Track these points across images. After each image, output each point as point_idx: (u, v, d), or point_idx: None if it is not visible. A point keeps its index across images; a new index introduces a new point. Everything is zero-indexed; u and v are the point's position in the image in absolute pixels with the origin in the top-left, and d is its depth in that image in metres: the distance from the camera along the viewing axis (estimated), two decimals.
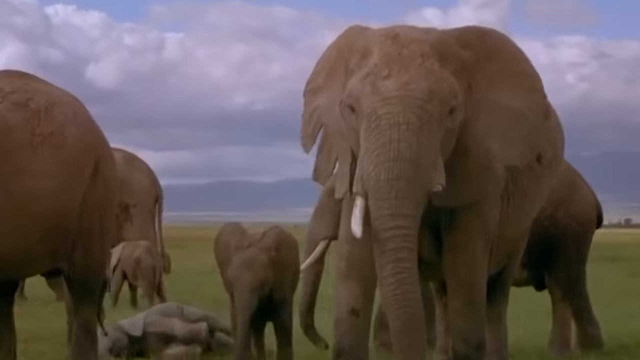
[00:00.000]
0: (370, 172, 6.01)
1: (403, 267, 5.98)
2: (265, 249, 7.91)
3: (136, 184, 16.32)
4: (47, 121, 7.64)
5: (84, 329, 8.07)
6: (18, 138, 7.51)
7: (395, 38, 6.30)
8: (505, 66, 6.64)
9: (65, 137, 7.71)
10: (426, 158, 6.00)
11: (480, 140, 6.45)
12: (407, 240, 5.99)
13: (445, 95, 6.10)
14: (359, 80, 6.21)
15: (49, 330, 9.36)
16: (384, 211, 5.96)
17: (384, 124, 6.01)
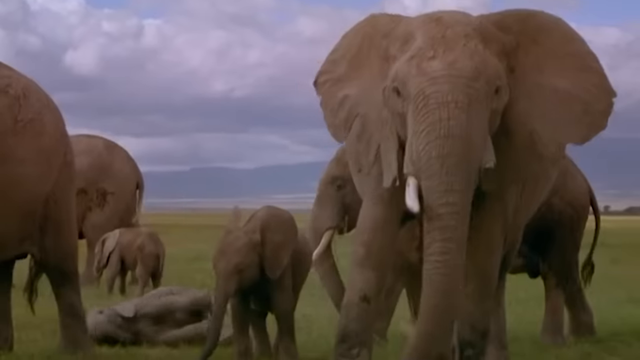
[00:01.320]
0: (421, 151, 6.06)
1: (449, 247, 6.05)
2: (249, 231, 7.78)
3: (116, 171, 16.42)
4: (26, 107, 7.66)
5: (69, 313, 8.10)
6: (2, 124, 7.49)
7: (438, 21, 6.36)
8: (554, 47, 6.63)
9: (43, 124, 7.74)
10: (476, 135, 6.05)
11: (523, 121, 6.47)
12: (457, 218, 6.05)
13: (490, 74, 6.16)
14: (404, 63, 6.25)
15: (39, 317, 9.26)
16: (435, 188, 6.03)
17: (432, 103, 6.06)
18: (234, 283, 7.61)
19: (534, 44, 6.57)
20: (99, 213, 16.05)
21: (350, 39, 7.00)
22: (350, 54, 6.92)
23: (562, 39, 6.67)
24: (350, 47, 6.95)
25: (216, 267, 7.68)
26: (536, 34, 6.60)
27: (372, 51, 6.75)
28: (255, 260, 7.70)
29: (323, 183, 9.29)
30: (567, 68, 6.60)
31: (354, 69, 6.87)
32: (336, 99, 6.91)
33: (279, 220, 7.93)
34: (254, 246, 7.69)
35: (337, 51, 7.04)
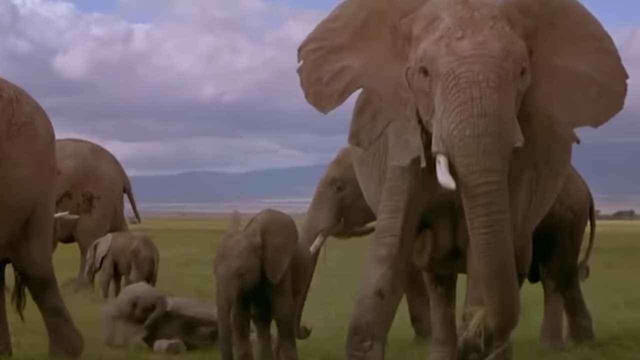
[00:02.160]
0: (453, 130, 6.02)
1: (496, 218, 6.05)
2: (249, 234, 7.74)
3: (102, 175, 16.25)
4: (19, 111, 7.69)
5: (54, 314, 8.11)
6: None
7: (465, 3, 6.34)
8: (571, 30, 6.62)
9: (35, 127, 7.78)
10: (507, 114, 6.05)
11: (542, 104, 6.47)
12: (499, 194, 6.04)
13: (518, 55, 6.18)
14: (432, 43, 6.21)
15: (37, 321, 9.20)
16: (473, 167, 6.00)
17: (462, 82, 6.04)
18: (235, 287, 7.57)
19: (551, 27, 6.57)
20: (88, 218, 15.92)
21: (352, 10, 6.81)
22: (354, 25, 6.76)
23: (578, 22, 6.66)
24: (353, 18, 6.78)
25: (217, 271, 7.63)
26: (553, 17, 6.59)
27: (383, 26, 6.65)
28: (256, 263, 7.65)
29: (322, 184, 9.26)
30: (583, 50, 6.59)
31: (359, 41, 6.72)
32: (331, 68, 6.73)
33: (280, 223, 7.89)
34: (254, 250, 7.65)
35: (336, 20, 6.84)
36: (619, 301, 12.93)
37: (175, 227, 52.28)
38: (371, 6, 6.73)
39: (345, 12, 6.84)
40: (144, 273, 13.92)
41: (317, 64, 6.75)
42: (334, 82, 6.70)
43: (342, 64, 6.71)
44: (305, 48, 6.81)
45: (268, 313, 8.07)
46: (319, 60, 6.76)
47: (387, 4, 6.69)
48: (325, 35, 6.82)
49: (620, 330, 10.13)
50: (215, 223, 77.33)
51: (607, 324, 10.38)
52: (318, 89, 6.72)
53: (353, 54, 6.70)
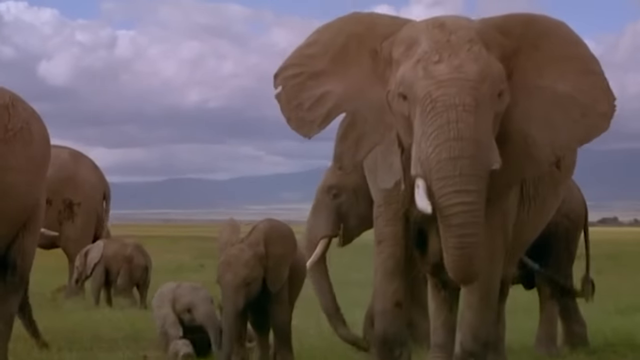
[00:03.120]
0: (430, 153, 6.05)
1: (468, 241, 6.05)
2: (253, 244, 7.75)
3: (82, 181, 16.02)
4: (15, 117, 7.69)
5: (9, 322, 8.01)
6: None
7: (442, 26, 6.37)
8: (554, 51, 6.64)
9: (31, 132, 7.78)
10: (484, 137, 6.08)
11: (520, 125, 6.50)
12: (474, 215, 6.04)
13: (495, 78, 6.20)
14: (410, 68, 6.25)
15: None
16: (448, 188, 6.01)
17: (439, 106, 6.06)
18: (242, 296, 7.60)
19: (534, 49, 6.60)
20: (71, 226, 15.74)
21: (331, 35, 6.85)
22: (333, 51, 6.79)
23: (563, 43, 6.69)
24: (332, 43, 6.81)
25: (222, 279, 7.63)
26: (537, 39, 6.63)
27: (362, 51, 6.69)
28: (261, 273, 7.68)
29: (319, 192, 9.25)
30: (567, 71, 6.61)
31: (339, 66, 6.74)
32: (312, 94, 6.75)
33: (281, 233, 7.94)
34: (259, 259, 7.69)
35: (314, 46, 6.86)
36: (610, 308, 12.98)
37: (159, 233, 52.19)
38: (350, 31, 6.78)
39: (323, 37, 6.87)
40: (134, 281, 13.89)
41: (297, 89, 6.77)
42: (316, 108, 6.73)
43: (323, 90, 6.74)
44: (282, 74, 6.82)
45: (266, 321, 8.08)
46: (298, 86, 6.78)
47: (366, 28, 6.74)
48: (303, 61, 6.84)
49: (614, 337, 10.14)
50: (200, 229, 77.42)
51: (601, 330, 10.38)
52: (300, 114, 6.75)
53: (333, 79, 6.74)
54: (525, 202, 7.21)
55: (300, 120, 6.76)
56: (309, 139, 6.83)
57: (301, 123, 6.76)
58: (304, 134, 6.79)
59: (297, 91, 6.77)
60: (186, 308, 8.74)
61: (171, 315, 8.76)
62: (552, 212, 7.89)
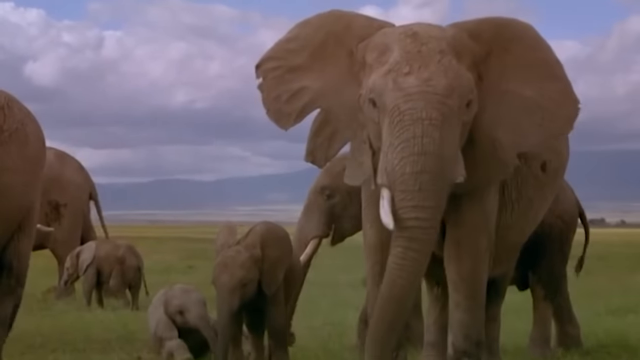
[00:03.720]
0: (396, 165, 6.20)
1: (409, 256, 6.23)
2: (249, 246, 7.76)
3: (67, 182, 15.86)
4: (11, 117, 7.67)
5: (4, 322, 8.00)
6: None
7: (414, 36, 6.48)
8: (523, 56, 6.78)
9: (27, 133, 7.77)
10: (448, 151, 6.20)
11: (487, 129, 6.64)
12: (425, 233, 6.22)
13: (463, 90, 6.31)
14: (381, 77, 6.36)
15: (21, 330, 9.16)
16: (407, 202, 6.18)
17: (407, 119, 6.20)
18: (238, 297, 7.60)
19: (505, 52, 6.74)
20: (58, 227, 15.61)
21: (310, 31, 7.01)
22: (312, 47, 6.96)
23: (530, 48, 6.82)
24: (311, 40, 6.98)
25: (218, 281, 7.63)
26: (508, 43, 6.76)
27: (339, 49, 6.84)
28: (257, 275, 7.69)
29: (312, 192, 9.24)
30: (533, 76, 6.76)
31: (316, 62, 6.92)
32: (289, 87, 6.95)
33: (277, 236, 7.96)
34: (255, 261, 7.70)
35: (294, 41, 7.04)
36: (601, 309, 13.01)
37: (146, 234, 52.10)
38: (329, 29, 6.93)
39: (303, 33, 7.04)
40: (127, 282, 13.85)
41: (276, 82, 6.99)
42: (292, 102, 6.93)
43: (300, 85, 6.93)
44: (263, 66, 7.04)
45: (261, 323, 8.07)
46: (277, 79, 6.99)
47: (343, 27, 6.89)
48: (283, 54, 7.03)
49: (606, 338, 10.15)
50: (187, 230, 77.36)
51: (593, 331, 10.40)
52: (278, 106, 6.96)
53: (311, 74, 6.92)
54: (508, 205, 7.30)
55: (278, 112, 6.97)
56: (285, 130, 7.02)
57: (279, 115, 6.97)
58: (281, 125, 7.00)
59: (276, 84, 6.98)
60: (178, 310, 8.70)
61: (163, 317, 8.70)
62: (540, 214, 7.96)
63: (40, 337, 9.60)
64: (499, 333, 8.28)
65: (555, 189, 8.04)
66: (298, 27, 7.09)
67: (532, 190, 7.46)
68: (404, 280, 6.26)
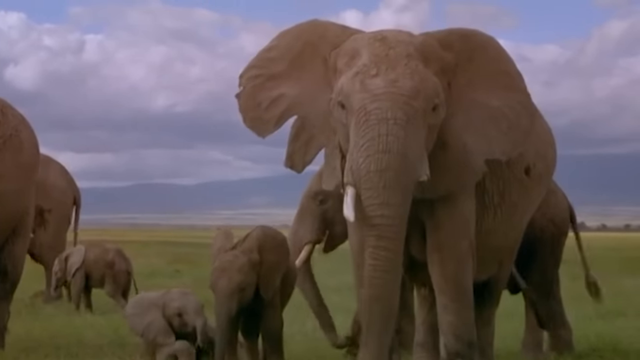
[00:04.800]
0: (361, 164, 6.35)
1: (380, 255, 6.39)
2: (247, 250, 7.76)
3: (51, 187, 15.64)
4: (5, 124, 7.65)
5: None
6: None
7: (383, 40, 6.65)
8: (486, 66, 6.96)
9: (21, 140, 7.75)
10: (412, 150, 6.34)
11: (458, 135, 6.78)
12: (391, 229, 6.38)
13: (429, 93, 6.46)
14: (349, 79, 6.52)
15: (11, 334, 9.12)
16: (373, 200, 6.34)
17: (372, 119, 6.35)
18: (236, 302, 7.60)
19: (470, 62, 6.92)
20: (43, 233, 15.49)
21: (289, 41, 7.21)
22: (290, 55, 7.15)
23: (494, 59, 7.03)
24: (290, 49, 7.18)
25: (216, 285, 7.62)
26: (473, 52, 6.95)
27: (315, 58, 7.04)
28: (255, 279, 7.68)
29: (305, 197, 9.23)
30: (497, 87, 6.95)
31: (294, 71, 7.11)
32: (268, 95, 7.13)
33: (275, 240, 7.97)
34: (253, 265, 7.70)
35: (274, 50, 7.25)
36: (590, 313, 13.00)
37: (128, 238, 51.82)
38: (306, 38, 7.14)
39: (282, 42, 7.24)
40: (120, 286, 13.81)
41: (256, 90, 7.16)
42: (271, 109, 7.10)
43: (279, 92, 7.10)
44: (245, 75, 7.23)
45: (256, 327, 8.05)
46: (258, 87, 7.17)
47: (319, 36, 7.09)
48: (264, 63, 7.22)
49: (598, 342, 10.20)
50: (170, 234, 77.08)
51: (585, 335, 10.44)
52: (257, 114, 7.14)
53: (289, 82, 7.10)
54: (490, 210, 7.38)
55: (256, 119, 7.15)
56: (263, 138, 7.19)
57: (257, 122, 7.15)
58: (259, 133, 7.17)
59: (257, 91, 7.16)
60: (177, 313, 8.42)
61: (161, 321, 8.35)
62: (526, 218, 8.03)
63: (31, 342, 9.53)
64: (493, 337, 8.29)
65: (541, 193, 8.09)
66: (279, 36, 7.29)
67: (516, 194, 7.54)
68: (380, 279, 6.39)
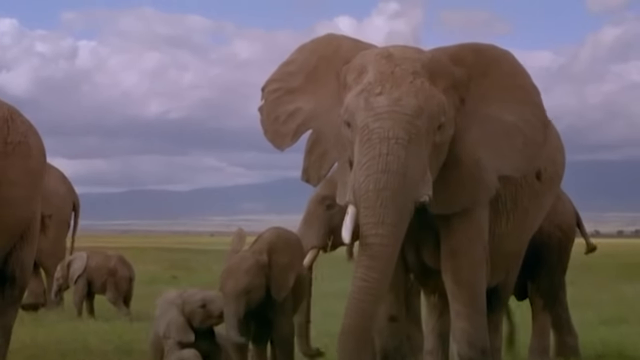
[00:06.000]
0: (361, 183, 6.33)
1: (372, 277, 6.31)
2: (256, 252, 7.71)
3: (51, 193, 15.50)
4: (14, 130, 7.66)
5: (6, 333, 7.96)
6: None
7: (389, 57, 6.62)
8: (501, 81, 6.91)
9: (29, 146, 7.76)
10: (413, 170, 6.29)
11: (471, 151, 6.74)
12: (385, 250, 6.33)
13: (433, 112, 6.40)
14: (354, 97, 6.51)
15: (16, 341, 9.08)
16: (369, 219, 6.30)
17: (374, 137, 6.32)
18: (243, 304, 7.54)
19: (484, 77, 6.87)
20: (44, 238, 15.32)
21: (306, 55, 7.26)
22: (307, 70, 7.19)
23: (508, 73, 6.98)
24: (306, 63, 7.21)
25: (224, 287, 7.58)
26: (487, 67, 6.91)
27: (329, 72, 7.04)
28: (263, 281, 7.63)
29: (312, 202, 9.21)
30: (512, 101, 6.90)
31: (310, 85, 7.13)
32: (286, 109, 7.16)
33: (286, 242, 7.88)
34: (261, 267, 7.64)
35: (293, 64, 7.29)
36: (593, 319, 13.02)
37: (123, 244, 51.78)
38: (321, 52, 7.18)
39: (300, 56, 7.28)
40: (122, 292, 13.78)
41: (275, 104, 7.21)
42: (288, 122, 7.13)
43: (296, 106, 7.14)
44: (267, 88, 7.29)
45: (265, 332, 7.99)
46: (276, 100, 7.22)
47: (333, 51, 7.12)
48: (283, 77, 7.28)
49: (604, 348, 10.20)
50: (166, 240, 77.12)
51: (590, 341, 10.43)
52: (276, 127, 7.18)
53: (305, 96, 7.13)
54: (503, 215, 7.37)
55: (275, 132, 7.18)
56: (282, 151, 7.21)
57: (276, 135, 7.18)
58: (277, 146, 7.21)
59: (275, 105, 7.21)
60: (200, 304, 7.92)
61: (180, 318, 7.96)
62: (537, 223, 8.04)
63: (37, 349, 9.53)
64: (501, 343, 8.30)
65: (552, 197, 8.11)
66: (297, 50, 7.33)
67: (527, 199, 7.54)
68: (365, 303, 6.33)
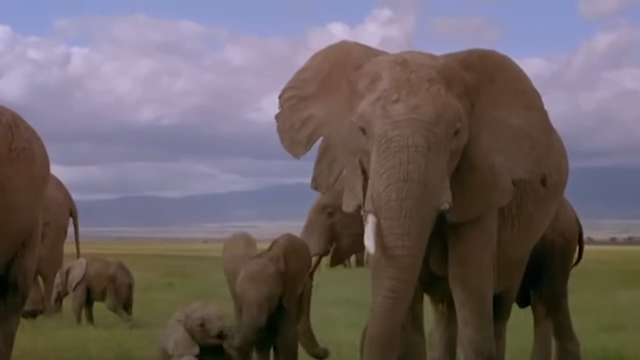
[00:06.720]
0: (381, 192, 6.28)
1: (400, 287, 6.31)
2: (274, 259, 7.70)
3: (49, 200, 15.36)
4: (18, 136, 7.70)
5: (8, 340, 7.95)
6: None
7: (404, 64, 6.58)
8: (506, 86, 6.94)
9: (33, 152, 7.79)
10: (433, 178, 6.27)
11: (484, 156, 6.74)
12: (411, 261, 6.31)
13: (450, 118, 6.39)
14: (370, 104, 6.46)
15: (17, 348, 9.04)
16: (393, 230, 6.24)
17: (394, 146, 6.29)
18: (266, 313, 7.53)
19: (490, 82, 6.89)
20: (42, 246, 15.29)
21: (320, 62, 7.25)
22: (320, 77, 7.17)
23: (512, 78, 7.02)
24: (320, 70, 7.20)
25: (246, 296, 7.54)
26: (492, 73, 6.93)
27: (342, 79, 6.99)
28: (281, 289, 7.63)
29: (313, 210, 9.22)
30: (517, 105, 6.93)
31: (323, 92, 7.11)
32: (300, 116, 7.16)
33: (300, 250, 7.94)
34: (280, 275, 7.64)
35: (307, 71, 7.29)
36: (593, 326, 13.01)
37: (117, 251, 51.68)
38: (333, 59, 7.16)
39: (314, 63, 7.28)
40: (122, 299, 13.76)
41: (290, 111, 7.21)
42: (302, 130, 7.14)
43: (308, 113, 7.13)
44: (283, 96, 7.30)
45: (269, 339, 7.99)
46: (291, 108, 7.21)
47: (345, 57, 7.10)
48: (297, 84, 7.27)
49: (605, 355, 10.24)
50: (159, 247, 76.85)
51: (591, 348, 10.44)
52: (291, 135, 7.18)
53: (317, 103, 7.11)
54: (508, 221, 7.38)
55: (290, 140, 7.18)
56: (298, 158, 7.19)
57: (292, 143, 7.17)
58: (293, 153, 7.18)
59: (291, 113, 7.21)
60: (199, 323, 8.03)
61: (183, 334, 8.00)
62: (542, 229, 8.05)
63: (37, 356, 9.49)
64: (504, 351, 8.29)
65: (556, 204, 8.12)
66: (312, 58, 7.34)
67: (533, 205, 7.55)
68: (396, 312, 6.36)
